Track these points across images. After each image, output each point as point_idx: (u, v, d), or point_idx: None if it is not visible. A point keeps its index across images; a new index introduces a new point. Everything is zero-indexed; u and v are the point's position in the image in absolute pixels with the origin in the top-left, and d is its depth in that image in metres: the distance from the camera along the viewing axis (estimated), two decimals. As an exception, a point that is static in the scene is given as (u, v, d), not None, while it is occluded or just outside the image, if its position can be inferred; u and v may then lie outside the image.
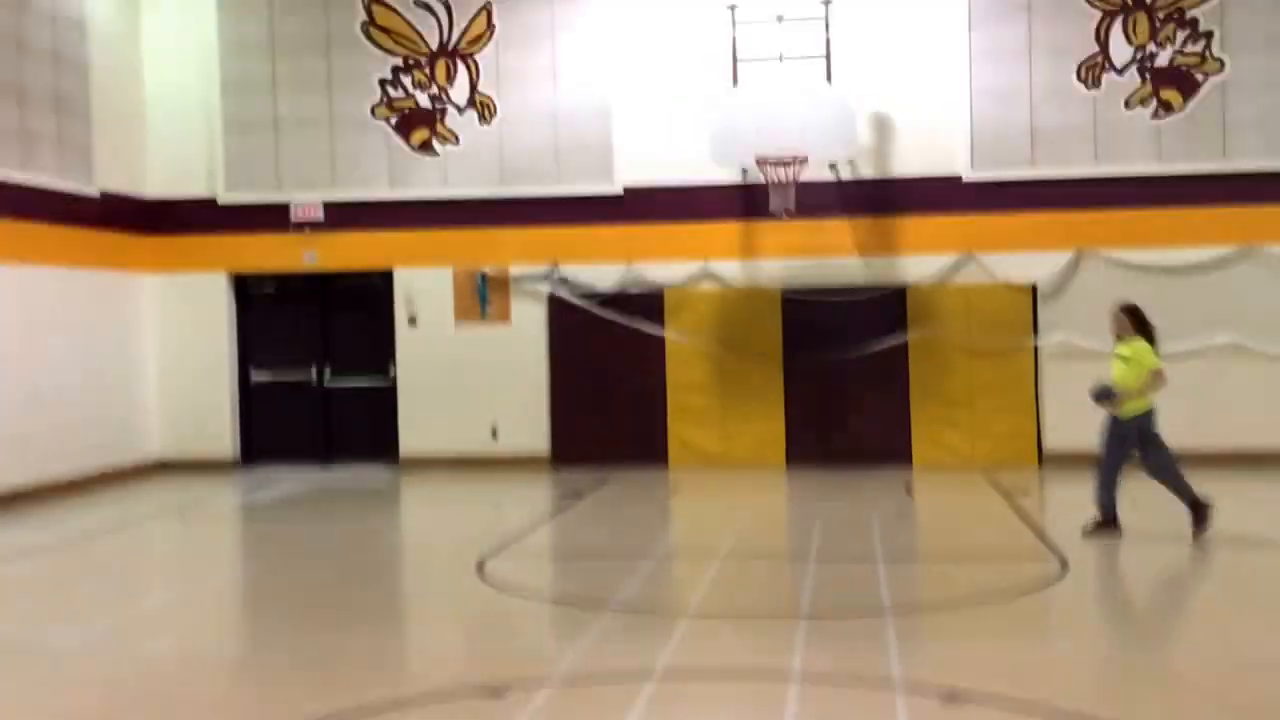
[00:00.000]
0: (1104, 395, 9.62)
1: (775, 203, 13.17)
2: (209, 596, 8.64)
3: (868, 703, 5.64)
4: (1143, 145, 13.96)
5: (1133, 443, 9.62)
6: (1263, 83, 13.76)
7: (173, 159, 15.20)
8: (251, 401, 15.48)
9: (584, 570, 9.15)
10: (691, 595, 8.10)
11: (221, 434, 15.30)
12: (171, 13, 15.28)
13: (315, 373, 15.41)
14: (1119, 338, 9.82)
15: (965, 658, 6.43)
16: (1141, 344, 9.66)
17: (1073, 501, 11.18)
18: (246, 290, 15.49)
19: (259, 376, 15.46)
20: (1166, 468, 9.62)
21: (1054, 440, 13.99)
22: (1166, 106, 13.93)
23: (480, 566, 8.91)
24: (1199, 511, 9.49)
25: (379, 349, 15.21)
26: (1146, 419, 9.61)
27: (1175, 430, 13.75)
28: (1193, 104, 13.89)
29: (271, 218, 15.05)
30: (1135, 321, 9.76)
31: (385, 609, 8.11)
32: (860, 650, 6.51)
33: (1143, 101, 13.98)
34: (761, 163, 13.02)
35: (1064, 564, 8.67)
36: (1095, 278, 13.91)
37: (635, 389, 14.63)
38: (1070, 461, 13.41)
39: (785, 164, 12.92)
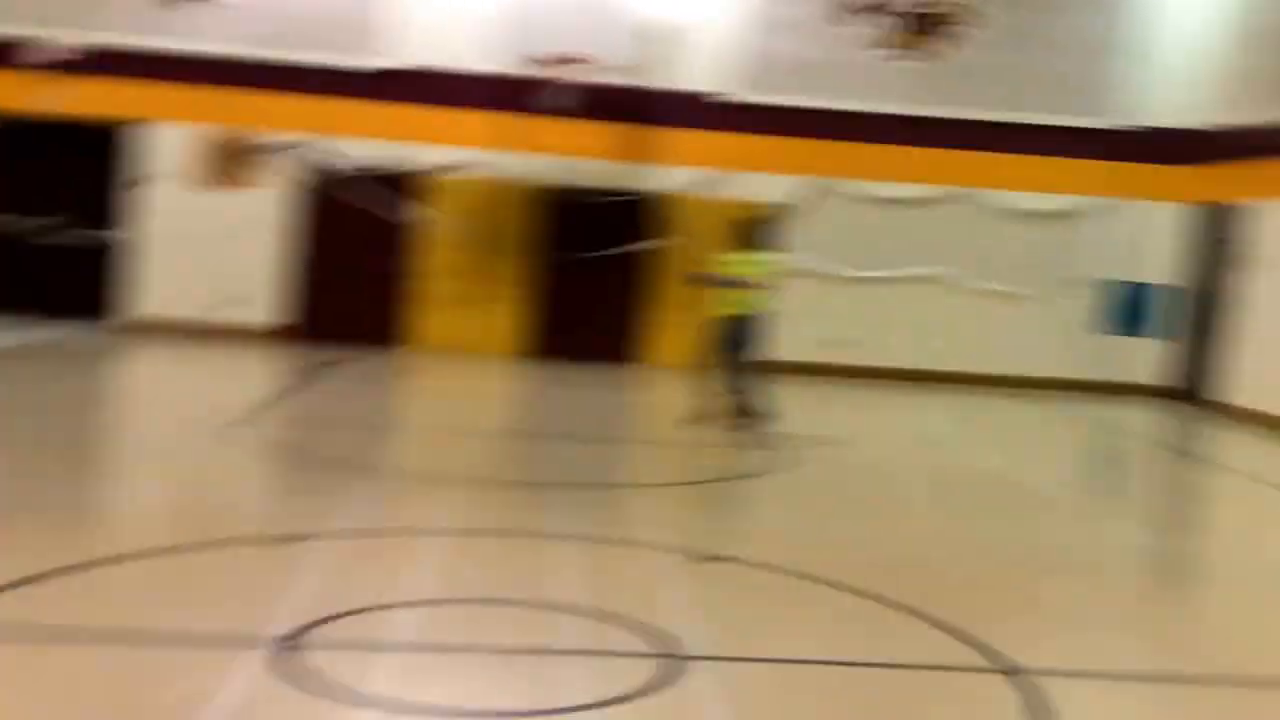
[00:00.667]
0: (699, 279, 10.41)
1: (549, 100, 13.46)
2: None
3: (634, 560, 6.31)
4: (889, 84, 15.03)
5: (749, 337, 10.36)
6: (1006, 35, 15.02)
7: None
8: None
9: (338, 439, 9.39)
10: (449, 464, 8.56)
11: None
12: None
13: (34, 224, 14.65)
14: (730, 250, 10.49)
15: (705, 526, 7.23)
16: (757, 254, 10.40)
17: (790, 406, 12.35)
18: (-35, 129, 14.54)
19: (-31, 224, 14.60)
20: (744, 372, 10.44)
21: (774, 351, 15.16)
22: (914, 49, 15.07)
23: (228, 429, 9.02)
24: (749, 415, 10.32)
25: (107, 205, 14.63)
26: (755, 321, 10.37)
27: (886, 349, 15.29)
28: (939, 49, 15.07)
29: (6, 53, 14.14)
30: (742, 239, 10.45)
31: (138, 465, 8.11)
32: (607, 516, 7.20)
33: (895, 44, 15.06)
34: (542, 59, 13.27)
35: (780, 452, 9.62)
36: (828, 204, 15.03)
37: (381, 270, 14.75)
38: (788, 371, 14.68)
39: (564, 62, 13.23)
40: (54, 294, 14.71)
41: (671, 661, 4.70)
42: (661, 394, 13.11)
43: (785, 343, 14.99)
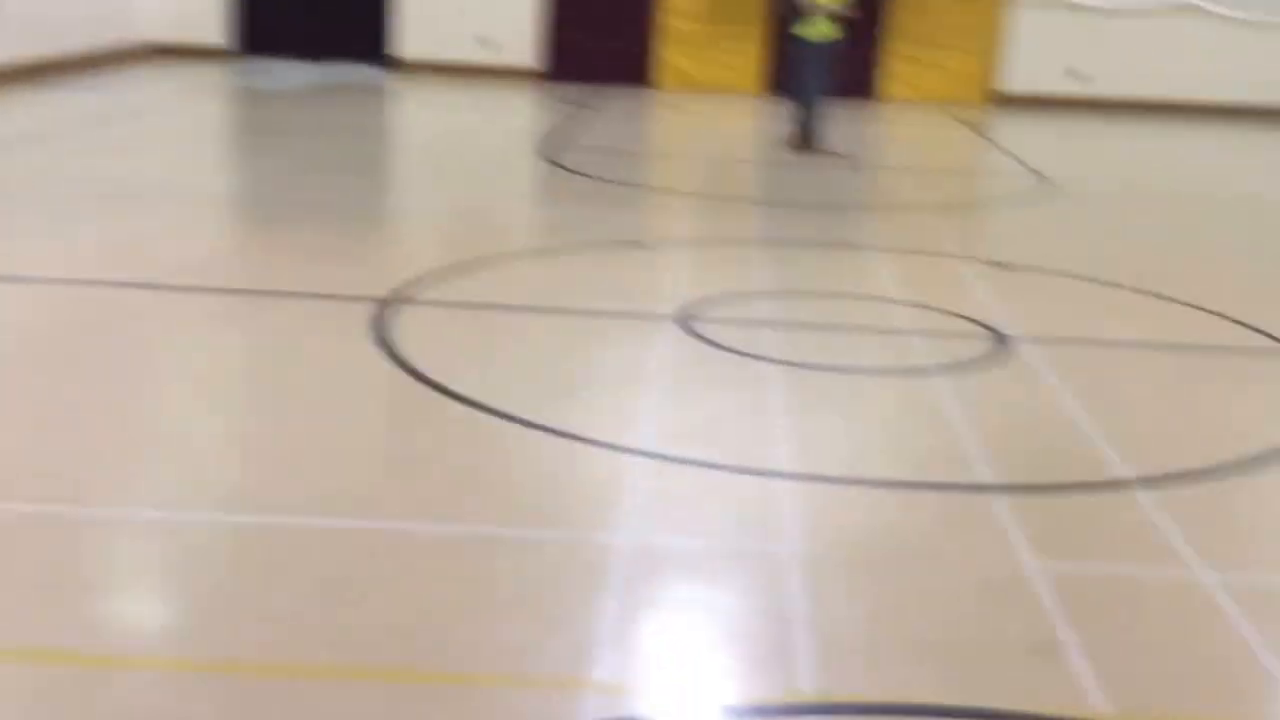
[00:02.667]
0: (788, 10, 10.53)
1: None
2: (316, 160, 9.25)
3: (937, 267, 7.11)
4: None
5: (825, 64, 10.44)
6: None
7: None
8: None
9: (622, 165, 10.28)
10: (746, 187, 9.39)
11: (211, 20, 15.56)
12: None
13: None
14: None
15: (997, 237, 7.94)
16: None
17: (1034, 135, 12.77)
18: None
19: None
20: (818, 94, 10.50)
21: (1014, 84, 15.35)
22: None
23: (527, 157, 9.98)
24: (809, 137, 10.49)
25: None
26: (832, 47, 10.43)
27: (1128, 80, 15.27)
28: None
29: None
30: None
31: (475, 184, 9.15)
32: (897, 231, 7.97)
33: None
34: None
35: (1040, 175, 10.14)
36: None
37: (627, 11, 15.34)
38: (1027, 104, 14.99)
39: None
40: (329, 37, 15.82)
41: (998, 340, 5.53)
42: (905, 126, 13.57)
43: (1024, 74, 15.21)
